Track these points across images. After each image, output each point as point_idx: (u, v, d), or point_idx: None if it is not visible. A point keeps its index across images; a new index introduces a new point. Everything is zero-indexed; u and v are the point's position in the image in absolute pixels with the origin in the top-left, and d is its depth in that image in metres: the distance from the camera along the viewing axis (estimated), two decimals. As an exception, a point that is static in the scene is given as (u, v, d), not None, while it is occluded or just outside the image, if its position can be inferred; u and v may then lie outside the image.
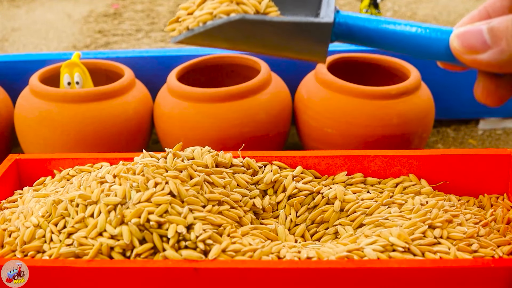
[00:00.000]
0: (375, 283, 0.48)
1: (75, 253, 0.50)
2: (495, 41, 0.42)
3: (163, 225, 0.50)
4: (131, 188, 0.53)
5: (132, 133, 0.83)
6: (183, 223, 0.50)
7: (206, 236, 0.50)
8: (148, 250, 0.50)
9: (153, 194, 0.52)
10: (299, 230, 0.59)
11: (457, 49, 0.44)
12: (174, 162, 0.57)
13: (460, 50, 0.43)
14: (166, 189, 0.53)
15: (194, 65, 0.91)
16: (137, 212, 0.50)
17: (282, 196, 0.61)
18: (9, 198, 0.63)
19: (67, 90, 0.81)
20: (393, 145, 0.80)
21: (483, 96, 0.45)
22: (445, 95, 0.94)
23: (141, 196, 0.52)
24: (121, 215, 0.50)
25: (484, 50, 0.42)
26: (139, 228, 0.50)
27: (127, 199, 0.52)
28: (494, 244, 0.54)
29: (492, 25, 0.42)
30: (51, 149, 0.81)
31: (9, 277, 0.49)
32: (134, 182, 0.53)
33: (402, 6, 1.66)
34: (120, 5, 1.74)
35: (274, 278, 0.48)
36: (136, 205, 0.51)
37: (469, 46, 0.43)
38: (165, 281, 0.48)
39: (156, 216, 0.50)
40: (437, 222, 0.54)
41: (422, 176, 0.63)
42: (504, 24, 0.41)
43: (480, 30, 0.42)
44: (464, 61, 0.44)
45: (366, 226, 0.57)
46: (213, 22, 0.46)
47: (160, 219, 0.50)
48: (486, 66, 0.42)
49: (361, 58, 0.91)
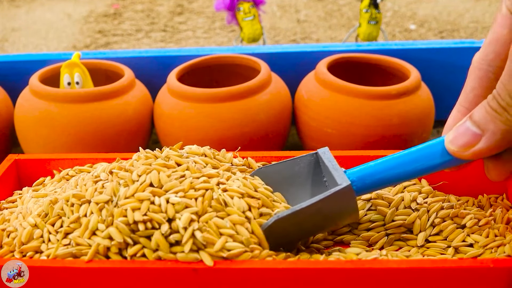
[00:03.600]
0: (375, 283, 0.48)
1: (73, 253, 0.50)
2: (483, 128, 0.46)
3: (147, 223, 0.49)
4: (119, 185, 0.52)
5: (132, 133, 0.83)
6: (162, 221, 0.49)
7: (191, 230, 0.49)
8: (139, 250, 0.49)
9: (136, 189, 0.51)
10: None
11: (457, 151, 0.48)
12: (166, 152, 0.57)
13: (459, 151, 0.48)
14: (147, 179, 0.52)
15: (194, 65, 0.90)
16: (122, 211, 0.50)
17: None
18: (9, 198, 0.63)
19: (67, 90, 0.81)
20: (393, 145, 0.80)
21: (497, 175, 0.49)
22: (445, 95, 0.94)
23: (126, 192, 0.51)
24: (110, 214, 0.50)
25: (477, 141, 0.46)
26: (128, 227, 0.49)
27: (115, 196, 0.51)
28: (493, 244, 0.54)
29: (474, 117, 0.46)
30: (51, 149, 0.81)
31: (9, 277, 0.49)
32: (122, 179, 0.53)
33: (402, 6, 1.66)
34: (120, 5, 1.74)
35: (274, 278, 0.48)
36: (122, 202, 0.50)
37: (464, 144, 0.47)
38: (164, 282, 0.48)
39: (140, 216, 0.49)
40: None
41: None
42: (483, 110, 0.46)
43: (466, 127, 0.47)
44: (467, 157, 0.48)
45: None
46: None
47: (145, 217, 0.49)
48: (487, 152, 0.46)
49: (361, 58, 0.91)
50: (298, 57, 0.95)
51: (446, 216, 0.58)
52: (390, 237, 0.58)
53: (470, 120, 0.47)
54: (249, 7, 1.04)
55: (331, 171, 0.53)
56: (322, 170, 0.57)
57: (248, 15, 1.04)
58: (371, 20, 1.02)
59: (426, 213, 0.58)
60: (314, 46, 0.98)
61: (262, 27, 1.06)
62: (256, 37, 1.06)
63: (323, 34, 1.50)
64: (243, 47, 1.00)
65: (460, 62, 0.94)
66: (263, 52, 0.95)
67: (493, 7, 1.68)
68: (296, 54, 0.96)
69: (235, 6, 1.04)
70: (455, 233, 0.56)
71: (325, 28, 1.53)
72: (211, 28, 1.57)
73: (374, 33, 1.04)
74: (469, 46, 0.94)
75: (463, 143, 0.47)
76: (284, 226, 0.50)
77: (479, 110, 0.46)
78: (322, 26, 1.55)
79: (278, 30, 1.53)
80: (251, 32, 1.05)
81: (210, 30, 1.55)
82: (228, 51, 0.96)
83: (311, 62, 0.92)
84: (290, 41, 1.45)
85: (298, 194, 0.58)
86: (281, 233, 0.51)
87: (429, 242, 0.57)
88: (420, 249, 0.57)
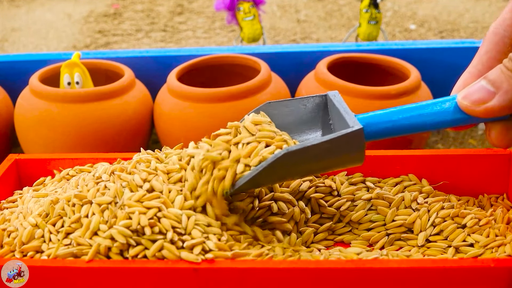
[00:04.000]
0: (375, 283, 0.48)
1: (73, 253, 0.50)
2: (497, 86, 0.47)
3: (153, 227, 0.50)
4: (123, 187, 0.53)
5: (132, 133, 0.83)
6: (169, 228, 0.50)
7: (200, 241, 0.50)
8: (141, 252, 0.49)
9: (143, 196, 0.52)
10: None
11: (468, 106, 0.49)
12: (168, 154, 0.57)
13: (471, 106, 0.49)
14: (152, 187, 0.52)
15: (194, 65, 0.91)
16: (127, 215, 0.50)
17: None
18: (9, 198, 0.63)
19: (67, 90, 0.81)
20: (393, 145, 0.80)
21: (498, 140, 0.50)
22: (445, 95, 0.94)
23: (132, 197, 0.51)
24: (113, 216, 0.50)
25: (491, 98, 0.48)
26: (131, 230, 0.50)
27: (118, 198, 0.52)
28: (494, 244, 0.54)
29: (489, 76, 0.48)
30: (51, 149, 0.81)
31: (9, 277, 0.49)
32: (124, 181, 0.53)
33: (402, 6, 1.66)
34: (120, 5, 1.74)
35: (274, 278, 0.48)
36: (127, 206, 0.51)
37: (477, 100, 0.49)
38: (165, 282, 0.48)
39: (146, 220, 0.50)
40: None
41: (422, 176, 0.63)
42: (499, 71, 0.48)
43: (481, 85, 0.48)
44: (478, 114, 0.49)
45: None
46: (264, 163, 0.50)
47: (151, 221, 0.50)
48: (498, 110, 0.48)
49: (361, 58, 0.91)
50: (298, 57, 0.95)
51: (446, 216, 0.58)
52: (390, 237, 0.58)
53: (484, 79, 0.48)
54: (249, 7, 1.04)
55: (342, 113, 0.53)
56: (329, 112, 0.57)
57: (248, 15, 1.04)
58: (371, 20, 1.03)
59: (426, 213, 0.58)
60: (314, 46, 0.98)
61: (262, 27, 1.06)
62: (256, 37, 1.06)
63: (323, 34, 1.50)
64: (243, 47, 1.00)
65: (460, 62, 0.94)
66: (263, 52, 0.95)
67: (493, 7, 1.68)
68: (296, 54, 0.96)
69: (235, 6, 1.04)
70: (455, 233, 0.56)
71: (325, 28, 1.53)
72: (211, 28, 1.57)
73: (374, 33, 1.04)
74: (469, 46, 0.94)
75: (476, 99, 0.48)
76: (293, 160, 0.50)
77: (495, 71, 0.48)
78: (322, 26, 1.55)
79: (278, 30, 1.53)
80: (251, 32, 1.05)
81: (210, 30, 1.55)
82: (228, 51, 0.96)
83: (311, 62, 0.92)
84: (290, 41, 1.45)
85: (304, 132, 0.58)
86: (288, 168, 0.50)
87: (429, 242, 0.57)
88: (421, 249, 0.57)
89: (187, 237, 0.49)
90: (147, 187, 0.53)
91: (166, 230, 0.49)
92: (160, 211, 0.50)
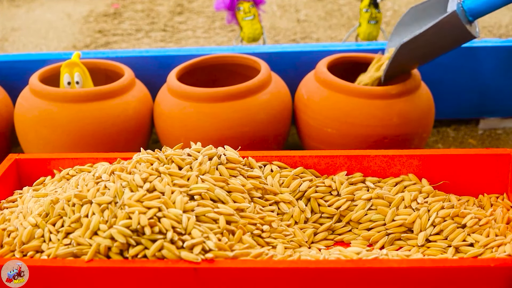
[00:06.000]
0: (375, 283, 0.48)
1: (73, 253, 0.50)
2: None
3: (153, 227, 0.50)
4: (123, 187, 0.53)
5: (132, 133, 0.83)
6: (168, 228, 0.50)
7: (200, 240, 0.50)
8: (141, 252, 0.49)
9: (143, 196, 0.52)
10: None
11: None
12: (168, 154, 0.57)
13: None
14: (154, 187, 0.53)
15: (194, 65, 0.90)
16: (127, 214, 0.50)
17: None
18: (9, 198, 0.63)
19: (67, 90, 0.81)
20: (393, 145, 0.80)
21: None
22: (445, 95, 0.94)
23: (132, 196, 0.51)
24: (113, 216, 0.50)
25: None
26: (131, 230, 0.49)
27: (118, 198, 0.52)
28: (494, 243, 0.54)
29: None
30: (51, 149, 0.81)
31: (9, 277, 0.49)
32: (124, 181, 0.53)
33: (402, 6, 1.66)
34: (120, 5, 1.74)
35: (274, 278, 0.48)
36: (127, 205, 0.50)
37: None
38: (165, 281, 0.48)
39: (146, 220, 0.50)
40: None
41: (423, 175, 0.63)
42: None
43: None
44: None
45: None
46: (392, 55, 0.74)
47: (151, 221, 0.49)
48: None
49: (361, 58, 0.91)
50: (298, 57, 0.95)
51: (446, 216, 0.58)
52: (390, 237, 0.58)
53: None
54: (249, 7, 1.04)
55: (450, 1, 0.69)
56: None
57: (248, 15, 1.04)
58: (371, 20, 1.02)
59: (426, 212, 0.58)
60: (314, 45, 0.98)
61: (262, 26, 1.06)
62: (256, 36, 1.06)
63: (323, 33, 1.50)
64: (243, 46, 1.00)
65: (460, 62, 0.94)
66: (263, 51, 0.95)
67: (493, 7, 1.67)
68: (296, 53, 0.96)
69: (235, 6, 1.04)
70: (455, 232, 0.57)
71: (325, 28, 1.53)
72: (211, 28, 1.57)
73: (374, 33, 1.04)
74: (469, 46, 0.94)
75: None
76: (410, 48, 0.71)
77: None
78: (322, 26, 1.55)
79: (278, 30, 1.53)
80: (251, 32, 1.05)
81: (210, 30, 1.55)
82: (228, 51, 0.96)
83: (311, 61, 0.92)
84: (290, 41, 1.45)
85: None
86: (407, 56, 0.73)
87: (429, 242, 0.57)
88: (421, 249, 0.57)
89: (187, 237, 0.49)
90: (148, 187, 0.53)
91: (166, 230, 0.49)
92: (160, 211, 0.50)
